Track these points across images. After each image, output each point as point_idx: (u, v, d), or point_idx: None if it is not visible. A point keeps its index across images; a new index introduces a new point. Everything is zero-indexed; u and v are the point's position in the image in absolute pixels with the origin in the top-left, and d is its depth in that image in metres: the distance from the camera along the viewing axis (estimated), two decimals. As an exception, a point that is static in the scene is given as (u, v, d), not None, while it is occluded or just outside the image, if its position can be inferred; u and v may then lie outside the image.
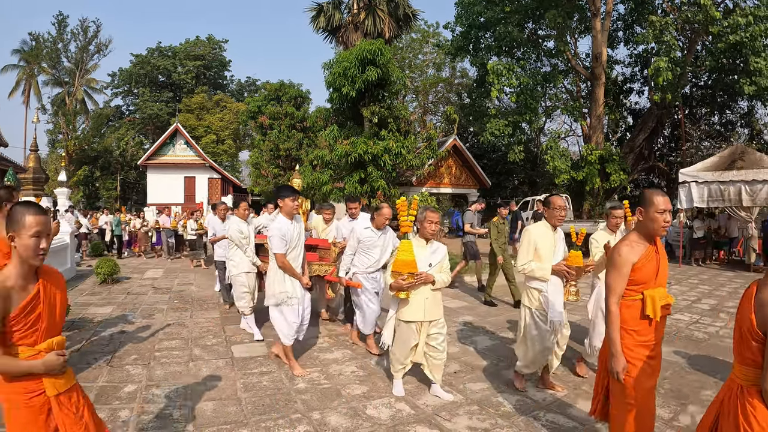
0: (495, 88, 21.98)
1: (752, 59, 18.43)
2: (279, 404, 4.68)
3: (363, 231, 6.36)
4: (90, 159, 41.02)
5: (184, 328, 7.61)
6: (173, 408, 4.56)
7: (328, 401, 4.78)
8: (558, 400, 4.88)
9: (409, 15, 25.71)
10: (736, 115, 26.85)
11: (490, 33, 25.72)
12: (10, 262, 2.38)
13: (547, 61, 27.56)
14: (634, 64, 28.54)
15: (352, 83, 16.54)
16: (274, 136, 25.25)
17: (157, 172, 34.10)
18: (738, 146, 16.90)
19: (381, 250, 6.43)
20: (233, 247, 7.57)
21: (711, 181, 15.24)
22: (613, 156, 22.24)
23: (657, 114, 24.44)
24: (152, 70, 47.48)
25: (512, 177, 34.03)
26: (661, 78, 18.84)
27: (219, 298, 9.90)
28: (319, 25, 25.40)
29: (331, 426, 4.24)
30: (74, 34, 48.26)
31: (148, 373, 5.53)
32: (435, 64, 39.91)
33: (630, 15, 25.22)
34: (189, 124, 40.79)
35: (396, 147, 16.30)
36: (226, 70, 52.69)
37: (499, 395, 4.96)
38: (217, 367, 5.78)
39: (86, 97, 48.58)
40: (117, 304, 9.48)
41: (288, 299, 5.52)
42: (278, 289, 5.53)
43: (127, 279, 12.64)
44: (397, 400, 4.84)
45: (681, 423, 4.42)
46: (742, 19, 17.74)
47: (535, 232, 4.98)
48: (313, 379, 5.38)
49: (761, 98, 21.18)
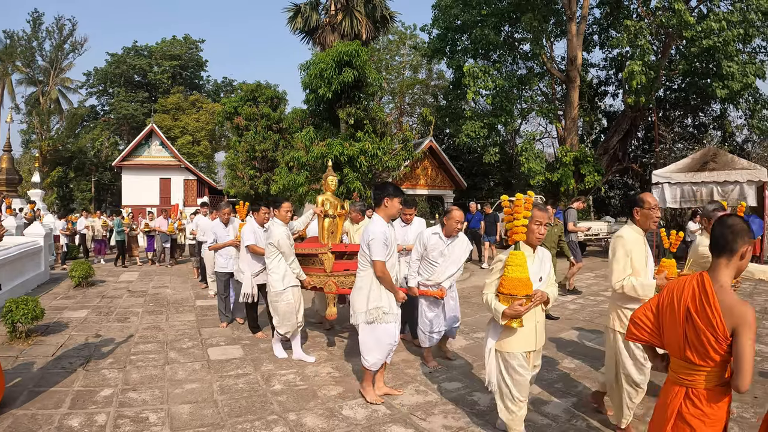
0: (471, 90, 22.13)
1: (725, 63, 18.74)
2: (255, 406, 4.73)
3: (430, 236, 5.81)
4: (64, 160, 40.44)
5: (159, 332, 7.61)
6: (150, 411, 4.59)
7: (304, 402, 4.84)
8: (533, 397, 4.90)
9: (386, 17, 25.75)
10: (709, 118, 27.32)
11: (466, 36, 25.90)
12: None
13: (523, 63, 27.79)
14: (609, 68, 28.84)
15: (328, 84, 16.58)
16: (250, 137, 25.17)
17: (132, 173, 33.70)
18: (710, 148, 17.24)
19: (447, 261, 5.80)
20: (275, 258, 6.27)
21: (683, 182, 15.55)
22: (587, 158, 22.50)
23: (631, 116, 24.77)
24: (128, 69, 46.90)
25: (488, 178, 34.17)
26: (634, 81, 19.11)
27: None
28: (297, 26, 25.33)
29: (307, 427, 4.30)
30: (49, 33, 47.49)
31: (124, 376, 5.54)
32: (412, 66, 40.03)
33: (606, 19, 25.53)
34: (164, 125, 40.38)
35: (372, 148, 16.40)
36: (202, 70, 52.26)
37: (474, 394, 5.03)
38: (193, 369, 5.82)
39: (61, 96, 47.86)
40: (92, 307, 9.43)
41: (383, 315, 4.84)
42: (372, 303, 4.84)
43: (102, 282, 12.56)
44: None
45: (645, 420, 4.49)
46: (716, 24, 18.03)
47: (629, 239, 4.17)
48: (289, 381, 5.43)
49: (733, 101, 21.61)
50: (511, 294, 3.61)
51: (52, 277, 13.16)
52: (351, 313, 4.99)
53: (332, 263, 6.33)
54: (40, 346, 6.63)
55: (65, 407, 4.65)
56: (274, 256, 6.25)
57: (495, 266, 3.85)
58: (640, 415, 4.54)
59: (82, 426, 4.26)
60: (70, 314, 8.78)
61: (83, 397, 4.90)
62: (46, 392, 5.00)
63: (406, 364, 6.04)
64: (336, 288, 6.20)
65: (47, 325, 7.71)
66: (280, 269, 6.22)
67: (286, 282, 6.21)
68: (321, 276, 6.33)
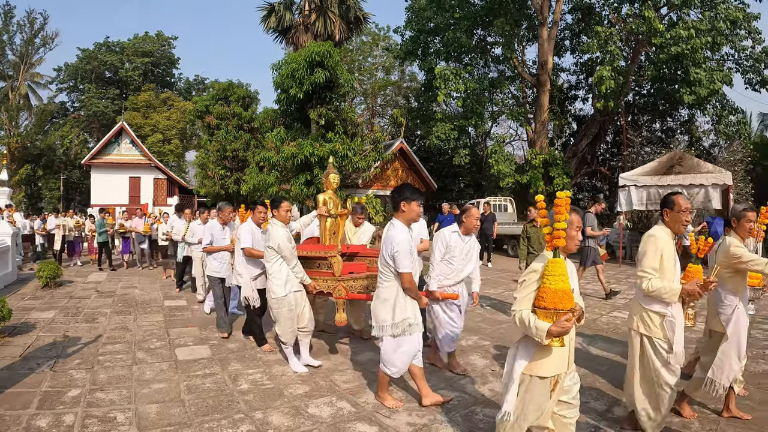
0: (441, 92, 22.38)
1: (692, 70, 19.17)
2: (222, 405, 4.84)
3: (451, 236, 5.64)
4: (33, 157, 39.86)
5: (127, 332, 7.65)
6: (117, 411, 4.66)
7: (270, 401, 4.95)
8: (496, 394, 5.06)
9: (360, 18, 25.91)
10: (677, 123, 27.93)
11: (439, 38, 26.15)
12: None
13: (495, 67, 28.16)
14: (579, 72, 29.31)
15: (300, 85, 16.68)
16: (221, 136, 25.17)
17: (101, 171, 33.32)
18: (676, 152, 17.63)
19: (464, 260, 5.69)
20: (276, 262, 5.87)
21: (650, 185, 15.88)
22: (556, 160, 22.89)
23: (599, 120, 25.25)
24: (99, 65, 46.29)
25: (458, 180, 34.52)
26: (603, 86, 19.48)
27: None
28: (270, 25, 25.34)
29: (273, 425, 4.41)
30: (20, 26, 46.69)
31: (91, 377, 5.59)
32: (385, 68, 40.20)
33: (578, 25, 26.03)
34: (135, 123, 40.00)
35: (342, 149, 16.55)
36: (174, 67, 51.89)
37: (438, 392, 5.10)
38: (160, 370, 5.89)
39: (30, 92, 47.09)
40: (60, 308, 9.42)
41: (409, 327, 4.66)
42: (399, 316, 4.63)
43: (70, 283, 12.49)
44: (338, 399, 5.03)
45: (615, 414, 4.67)
46: (684, 32, 18.45)
47: (661, 238, 4.03)
48: (256, 380, 5.54)
49: (700, 107, 22.17)
50: (555, 308, 3.12)
51: (20, 278, 13.06)
52: (373, 324, 4.82)
53: (341, 266, 6.03)
54: (6, 347, 6.64)
55: (33, 408, 4.70)
56: (274, 260, 5.87)
57: (528, 278, 3.32)
58: (602, 411, 4.69)
59: (50, 426, 4.32)
60: (38, 315, 8.77)
61: (51, 398, 4.95)
62: (13, 393, 5.04)
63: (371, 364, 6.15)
64: (346, 293, 5.93)
65: (14, 326, 7.70)
66: (281, 274, 5.85)
67: (288, 287, 5.84)
68: (329, 280, 6.07)
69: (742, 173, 20.03)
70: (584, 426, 4.36)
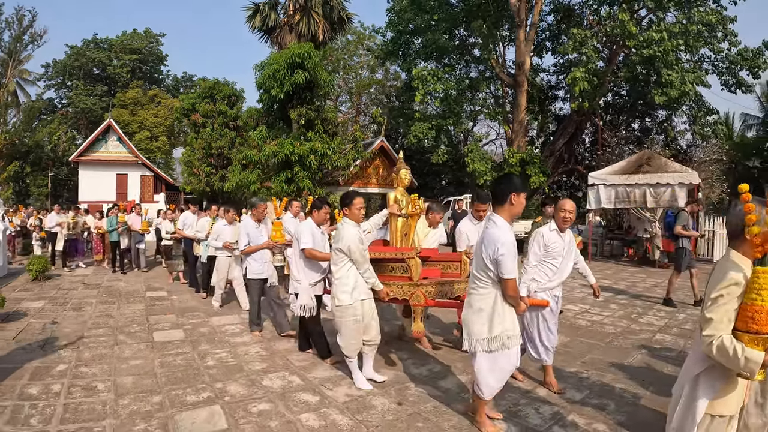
0: (420, 92, 23.04)
1: (664, 72, 19.86)
2: (189, 377, 5.58)
3: (550, 234, 5.19)
4: (21, 154, 40.11)
5: (111, 319, 8.39)
6: (98, 382, 5.39)
7: (231, 375, 5.68)
8: (432, 374, 5.75)
9: (343, 18, 26.54)
10: (654, 123, 28.72)
11: (419, 39, 26.83)
12: None
13: (475, 67, 28.85)
14: (559, 73, 30.09)
15: (280, 85, 17.26)
16: (207, 134, 25.70)
17: (89, 168, 33.69)
18: (645, 152, 18.30)
19: (566, 258, 5.26)
20: (344, 266, 5.28)
21: (618, 184, 16.56)
22: (533, 159, 23.56)
23: (576, 120, 25.95)
24: (87, 62, 46.59)
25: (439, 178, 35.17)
26: (577, 87, 20.13)
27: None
28: (255, 25, 25.90)
29: (230, 393, 5.14)
30: (9, 23, 46.80)
31: (77, 355, 6.32)
32: (369, 66, 40.82)
33: (558, 26, 26.80)
34: (123, 120, 40.34)
35: (322, 148, 17.16)
36: (162, 64, 52.20)
37: (380, 370, 5.78)
38: (138, 349, 6.63)
39: (18, 89, 47.24)
40: (49, 298, 10.13)
41: (508, 340, 4.11)
42: (497, 329, 4.09)
43: (58, 276, 13.20)
44: (290, 373, 5.75)
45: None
46: (657, 34, 19.12)
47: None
48: (221, 358, 6.28)
49: (671, 108, 22.92)
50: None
51: (10, 272, 13.69)
52: (465, 337, 4.27)
53: (420, 270, 5.63)
54: (0, 332, 7.35)
55: (25, 380, 5.41)
56: (342, 263, 5.26)
57: (724, 291, 2.63)
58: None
59: (40, 393, 5.04)
60: (29, 304, 9.47)
61: (41, 372, 5.67)
62: (7, 368, 5.74)
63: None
64: (425, 299, 5.51)
65: (7, 314, 8.41)
66: (349, 280, 5.24)
67: (355, 295, 5.25)
68: (405, 285, 5.64)
69: (718, 172, 20.81)
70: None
